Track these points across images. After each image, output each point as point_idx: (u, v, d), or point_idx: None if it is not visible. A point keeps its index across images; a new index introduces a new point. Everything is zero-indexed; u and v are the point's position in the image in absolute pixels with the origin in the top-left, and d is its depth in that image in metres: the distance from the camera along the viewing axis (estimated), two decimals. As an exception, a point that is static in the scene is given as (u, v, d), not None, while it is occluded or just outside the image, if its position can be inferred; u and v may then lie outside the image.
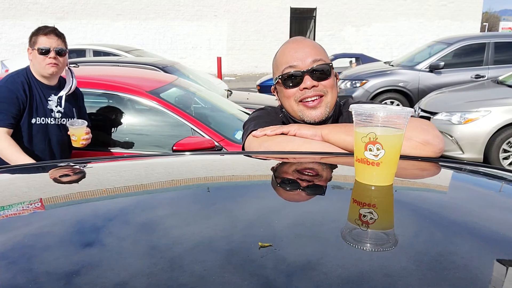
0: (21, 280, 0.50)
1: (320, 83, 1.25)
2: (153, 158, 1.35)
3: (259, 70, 17.36)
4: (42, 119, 2.38)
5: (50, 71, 2.34)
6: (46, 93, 2.41)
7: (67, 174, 1.07)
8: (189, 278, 0.50)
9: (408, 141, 1.05)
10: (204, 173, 1.03)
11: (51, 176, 1.06)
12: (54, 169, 1.15)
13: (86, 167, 1.13)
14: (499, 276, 0.53)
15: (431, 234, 0.65)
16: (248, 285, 0.49)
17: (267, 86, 9.36)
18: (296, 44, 1.30)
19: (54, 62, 2.32)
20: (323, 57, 1.28)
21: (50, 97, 2.43)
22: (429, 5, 18.21)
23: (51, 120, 2.42)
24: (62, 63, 2.39)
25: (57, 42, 2.34)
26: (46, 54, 2.31)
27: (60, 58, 2.35)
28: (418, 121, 1.17)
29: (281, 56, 1.31)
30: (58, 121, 2.45)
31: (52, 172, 1.10)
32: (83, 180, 1.00)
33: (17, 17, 15.36)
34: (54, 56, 2.32)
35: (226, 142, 2.83)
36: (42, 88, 2.40)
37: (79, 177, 1.03)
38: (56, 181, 1.00)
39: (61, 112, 2.46)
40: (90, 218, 0.71)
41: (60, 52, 2.35)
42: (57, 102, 2.45)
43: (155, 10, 16.45)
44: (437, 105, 5.58)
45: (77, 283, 0.50)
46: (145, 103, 3.02)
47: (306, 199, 0.79)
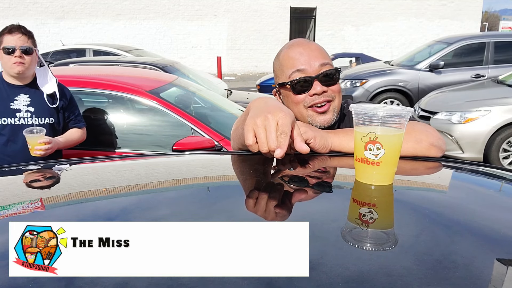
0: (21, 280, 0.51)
1: (329, 88, 1.23)
2: (153, 158, 1.35)
3: (259, 69, 17.36)
4: (2, 119, 2.31)
5: (16, 70, 2.28)
6: (12, 93, 2.34)
7: (66, 174, 1.07)
8: (189, 278, 0.50)
9: (419, 144, 1.06)
10: (204, 173, 1.03)
11: (51, 176, 1.06)
12: (52, 169, 1.15)
13: (85, 167, 1.13)
14: (499, 275, 0.53)
15: (431, 234, 0.65)
16: (248, 284, 0.49)
17: (267, 86, 9.35)
18: (302, 48, 1.26)
19: (19, 61, 2.27)
20: (330, 61, 1.26)
21: (17, 97, 2.35)
22: (429, 5, 18.20)
23: (16, 120, 2.33)
24: (29, 62, 2.32)
25: (22, 41, 2.29)
26: (12, 53, 2.26)
27: (26, 56, 2.29)
28: (422, 124, 1.17)
29: (286, 59, 1.27)
30: (26, 121, 2.35)
31: (51, 172, 1.10)
32: (83, 180, 1.00)
33: (17, 17, 15.33)
34: (20, 55, 2.26)
35: (226, 142, 2.83)
36: (9, 87, 2.34)
37: (79, 177, 1.03)
38: (56, 181, 1.00)
39: (31, 111, 2.36)
40: (90, 218, 0.71)
41: (26, 51, 2.29)
42: (28, 101, 2.36)
43: (155, 9, 16.45)
44: (437, 104, 5.58)
45: (76, 283, 0.50)
46: (145, 103, 3.02)
47: (306, 199, 0.79)
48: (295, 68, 1.23)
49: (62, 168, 1.15)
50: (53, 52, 9.00)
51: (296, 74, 1.23)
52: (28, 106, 2.36)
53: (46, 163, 1.59)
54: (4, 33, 2.30)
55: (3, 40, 2.28)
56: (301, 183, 0.89)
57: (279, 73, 1.30)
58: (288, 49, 1.28)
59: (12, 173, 1.10)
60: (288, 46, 1.30)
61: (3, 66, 2.32)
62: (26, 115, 2.35)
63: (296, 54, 1.25)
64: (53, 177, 1.05)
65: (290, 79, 1.24)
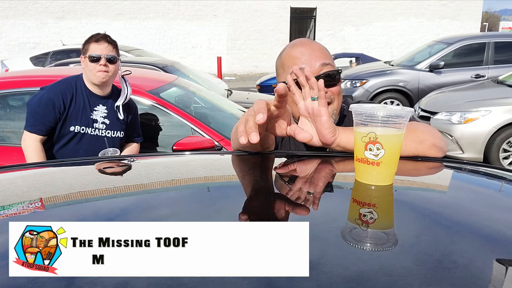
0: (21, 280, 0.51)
1: (328, 90, 1.21)
2: (153, 158, 1.35)
3: (259, 69, 17.36)
4: (81, 128, 2.33)
5: (100, 79, 2.30)
6: (93, 102, 2.36)
7: (66, 174, 1.07)
8: (189, 278, 0.50)
9: (422, 144, 1.06)
10: (204, 173, 1.03)
11: (50, 176, 1.06)
12: (54, 168, 1.15)
13: (85, 167, 1.13)
14: (499, 275, 0.53)
15: (431, 234, 0.65)
16: (248, 284, 0.49)
17: (267, 86, 9.34)
18: (304, 47, 1.25)
19: (104, 70, 2.28)
20: (331, 62, 1.25)
21: (96, 107, 2.37)
22: (429, 5, 18.20)
23: (92, 130, 2.35)
24: (113, 71, 2.34)
25: (108, 50, 2.31)
26: (97, 61, 2.28)
27: (110, 65, 2.31)
28: (423, 125, 1.17)
29: (287, 58, 1.27)
30: (101, 132, 2.37)
31: (51, 172, 1.10)
32: (83, 180, 1.00)
33: (17, 17, 15.36)
34: (105, 63, 2.28)
35: (226, 142, 2.83)
36: (90, 96, 2.35)
37: (78, 177, 1.03)
38: (55, 181, 1.00)
39: (106, 124, 2.38)
40: (90, 218, 0.71)
41: (111, 60, 2.30)
42: (105, 113, 2.39)
43: (155, 9, 16.46)
44: (437, 104, 5.58)
45: (77, 283, 0.50)
46: (145, 103, 3.01)
47: (306, 199, 0.79)
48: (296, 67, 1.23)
49: (62, 168, 1.15)
50: (53, 52, 9.00)
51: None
52: (104, 118, 2.39)
53: (46, 163, 1.59)
54: (91, 41, 2.32)
55: (89, 48, 2.30)
56: (301, 183, 0.89)
57: (281, 71, 1.30)
58: (291, 48, 1.28)
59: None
60: (291, 45, 1.30)
61: (88, 73, 2.33)
62: (101, 127, 2.38)
63: (297, 53, 1.24)
64: (53, 177, 1.05)
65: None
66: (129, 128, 2.55)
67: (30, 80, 3.19)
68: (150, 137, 3.07)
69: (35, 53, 9.48)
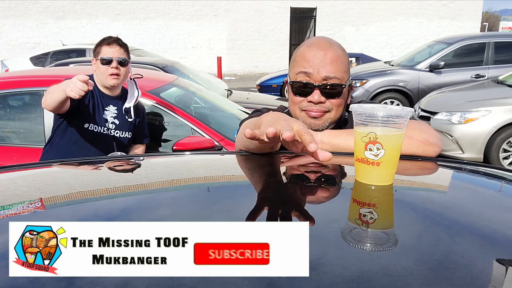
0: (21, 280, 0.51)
1: (328, 100, 1.21)
2: (153, 158, 1.35)
3: (259, 69, 17.35)
4: (94, 126, 2.35)
5: (112, 82, 2.33)
6: (105, 102, 2.39)
7: (66, 174, 1.07)
8: (189, 278, 0.50)
9: (411, 140, 1.06)
10: (204, 173, 1.03)
11: (50, 176, 1.06)
12: (54, 168, 1.15)
13: (86, 167, 1.13)
14: (499, 275, 0.53)
15: (431, 234, 0.65)
16: (248, 284, 0.49)
17: (267, 86, 9.34)
18: (319, 51, 1.21)
19: (115, 72, 2.31)
20: (340, 73, 1.21)
21: (107, 107, 2.40)
22: (429, 5, 18.20)
23: (103, 129, 2.38)
24: (124, 73, 2.37)
25: (119, 53, 2.34)
26: (108, 64, 2.30)
27: (122, 68, 2.34)
28: (416, 122, 1.18)
29: (300, 56, 1.24)
30: (110, 132, 2.40)
31: (51, 172, 1.10)
32: (83, 180, 1.00)
33: (17, 17, 15.36)
34: (116, 66, 2.31)
35: (226, 142, 2.83)
36: (102, 96, 2.38)
37: (78, 177, 1.03)
38: (55, 181, 1.00)
39: (115, 124, 2.42)
40: (90, 218, 0.71)
41: (122, 62, 2.33)
42: (115, 114, 2.42)
43: (155, 9, 16.45)
44: (437, 104, 5.58)
45: (77, 283, 0.50)
46: (145, 103, 3.01)
47: (305, 199, 0.79)
48: (303, 69, 1.21)
49: (62, 168, 1.15)
50: (53, 52, 8.99)
51: (301, 75, 1.22)
52: (114, 118, 2.42)
53: (46, 163, 1.59)
54: (103, 44, 2.34)
55: (101, 51, 2.33)
56: (301, 183, 0.89)
57: (291, 66, 1.28)
58: (307, 47, 1.24)
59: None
60: (310, 43, 1.26)
61: (99, 76, 2.35)
62: (111, 126, 2.41)
63: (310, 55, 1.22)
64: (53, 177, 1.05)
65: (295, 78, 1.23)
66: (137, 130, 2.58)
67: (30, 80, 3.18)
68: (150, 137, 3.07)
69: (35, 53, 9.47)
